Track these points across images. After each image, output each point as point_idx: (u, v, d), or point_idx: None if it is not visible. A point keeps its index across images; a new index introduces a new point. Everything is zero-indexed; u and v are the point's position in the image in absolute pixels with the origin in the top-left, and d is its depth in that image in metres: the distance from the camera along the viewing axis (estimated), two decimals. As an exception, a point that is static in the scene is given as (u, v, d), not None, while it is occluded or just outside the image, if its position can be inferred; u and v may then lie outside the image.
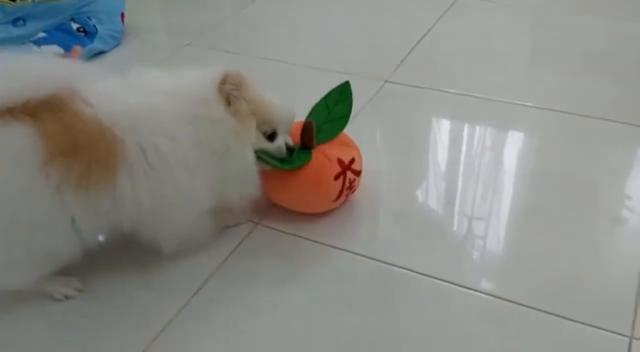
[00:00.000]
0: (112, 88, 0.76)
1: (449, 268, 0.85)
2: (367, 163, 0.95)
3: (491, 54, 1.39)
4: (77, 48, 1.39)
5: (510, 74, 1.31)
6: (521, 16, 1.56)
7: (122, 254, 0.87)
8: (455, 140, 1.13)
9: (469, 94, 1.24)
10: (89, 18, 1.47)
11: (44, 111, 0.70)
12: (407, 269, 0.85)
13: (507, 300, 0.80)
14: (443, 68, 1.35)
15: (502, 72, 1.32)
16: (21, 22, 1.55)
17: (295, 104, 0.88)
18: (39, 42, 1.37)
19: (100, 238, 0.83)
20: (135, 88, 0.77)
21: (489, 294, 0.81)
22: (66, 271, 0.80)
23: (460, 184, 1.02)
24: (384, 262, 0.86)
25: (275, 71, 1.37)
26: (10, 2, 1.60)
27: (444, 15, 1.56)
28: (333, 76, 1.20)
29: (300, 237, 0.91)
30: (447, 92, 1.25)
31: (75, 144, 0.70)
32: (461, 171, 1.05)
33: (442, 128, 1.19)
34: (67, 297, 0.82)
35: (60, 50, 1.37)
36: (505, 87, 1.25)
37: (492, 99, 1.22)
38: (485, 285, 0.82)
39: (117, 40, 1.49)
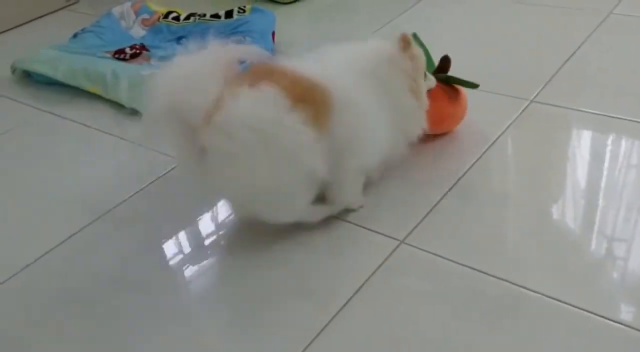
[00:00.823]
0: (304, 61, 0.98)
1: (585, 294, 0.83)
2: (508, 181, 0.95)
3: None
4: (234, 66, 1.51)
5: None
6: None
7: (274, 268, 0.95)
8: (597, 158, 1.09)
9: (617, 116, 1.19)
10: (243, 37, 1.58)
11: (261, 79, 0.89)
12: (542, 295, 0.84)
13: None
14: (592, 88, 1.30)
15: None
16: (184, 40, 1.71)
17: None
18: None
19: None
20: (322, 60, 0.99)
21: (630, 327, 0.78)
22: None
23: (600, 203, 0.99)
24: (518, 285, 0.86)
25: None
26: (175, 21, 1.76)
27: (595, 30, 1.50)
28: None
29: (439, 256, 0.93)
30: (594, 113, 1.21)
31: (303, 94, 0.90)
32: (602, 190, 1.02)
33: (584, 147, 1.15)
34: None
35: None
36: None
37: (648, 123, 1.16)
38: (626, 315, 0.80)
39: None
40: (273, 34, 1.63)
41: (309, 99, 0.90)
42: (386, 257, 0.94)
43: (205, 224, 1.08)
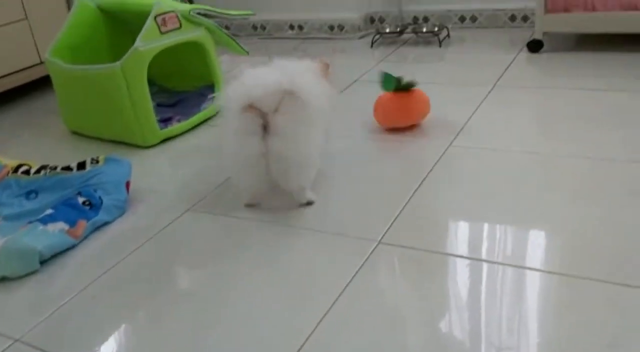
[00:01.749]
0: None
1: None
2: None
3: (490, 208, 1.40)
4: (82, 222, 1.45)
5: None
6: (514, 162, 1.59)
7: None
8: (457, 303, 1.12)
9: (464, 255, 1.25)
10: (94, 190, 1.54)
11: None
12: None
13: None
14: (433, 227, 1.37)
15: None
16: (33, 194, 1.64)
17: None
18: (45, 220, 1.43)
19: None
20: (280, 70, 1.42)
21: None
22: None
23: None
24: None
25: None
26: (25, 175, 1.70)
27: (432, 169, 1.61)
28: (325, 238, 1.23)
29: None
30: (440, 253, 1.26)
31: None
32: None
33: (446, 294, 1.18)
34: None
35: (66, 226, 1.42)
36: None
37: (499, 262, 1.22)
38: None
39: (121, 209, 1.55)
40: (128, 183, 1.61)
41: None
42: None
43: None
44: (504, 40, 2.56)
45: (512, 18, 2.64)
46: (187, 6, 2.00)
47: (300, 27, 3.02)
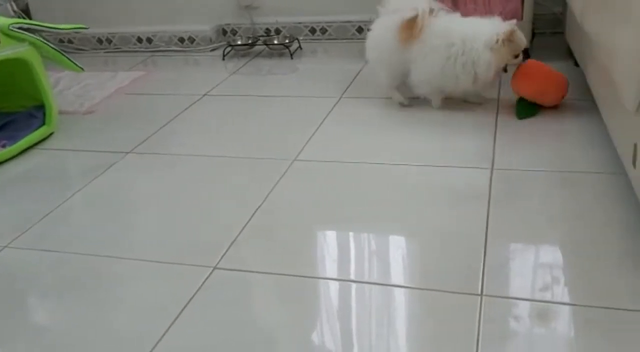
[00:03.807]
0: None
1: None
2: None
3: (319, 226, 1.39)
4: None
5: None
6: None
7: None
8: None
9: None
10: None
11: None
12: None
13: None
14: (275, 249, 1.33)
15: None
16: None
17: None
18: None
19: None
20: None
21: None
22: None
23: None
24: None
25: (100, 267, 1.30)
26: None
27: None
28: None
29: None
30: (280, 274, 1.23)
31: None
32: None
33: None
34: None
35: None
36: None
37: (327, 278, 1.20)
38: None
39: None
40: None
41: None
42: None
43: None
44: (353, 51, 2.61)
45: (359, 30, 2.70)
46: (6, 20, 1.83)
47: (149, 40, 2.89)
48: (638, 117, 1.14)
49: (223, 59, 2.68)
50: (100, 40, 2.95)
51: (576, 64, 1.96)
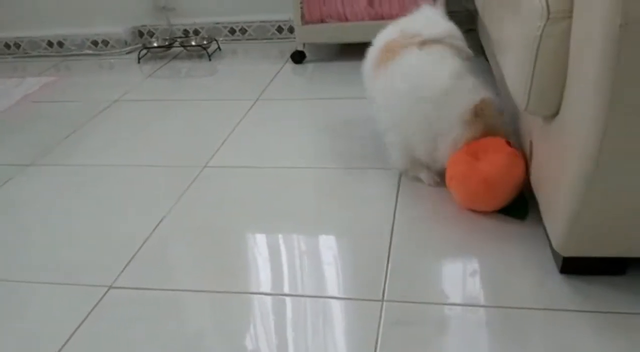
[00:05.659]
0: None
1: None
2: None
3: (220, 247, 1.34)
4: None
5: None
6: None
7: None
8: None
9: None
10: None
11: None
12: None
13: None
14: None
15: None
16: None
17: None
18: None
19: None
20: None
21: None
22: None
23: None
24: None
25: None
26: None
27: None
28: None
29: None
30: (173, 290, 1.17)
31: None
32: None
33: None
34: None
35: None
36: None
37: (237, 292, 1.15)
38: None
39: None
40: None
41: None
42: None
43: None
44: (273, 51, 2.56)
45: (279, 29, 2.65)
46: None
47: (60, 44, 2.76)
48: (529, 115, 1.13)
49: (138, 62, 2.58)
50: (7, 45, 2.79)
51: (487, 60, 1.97)
